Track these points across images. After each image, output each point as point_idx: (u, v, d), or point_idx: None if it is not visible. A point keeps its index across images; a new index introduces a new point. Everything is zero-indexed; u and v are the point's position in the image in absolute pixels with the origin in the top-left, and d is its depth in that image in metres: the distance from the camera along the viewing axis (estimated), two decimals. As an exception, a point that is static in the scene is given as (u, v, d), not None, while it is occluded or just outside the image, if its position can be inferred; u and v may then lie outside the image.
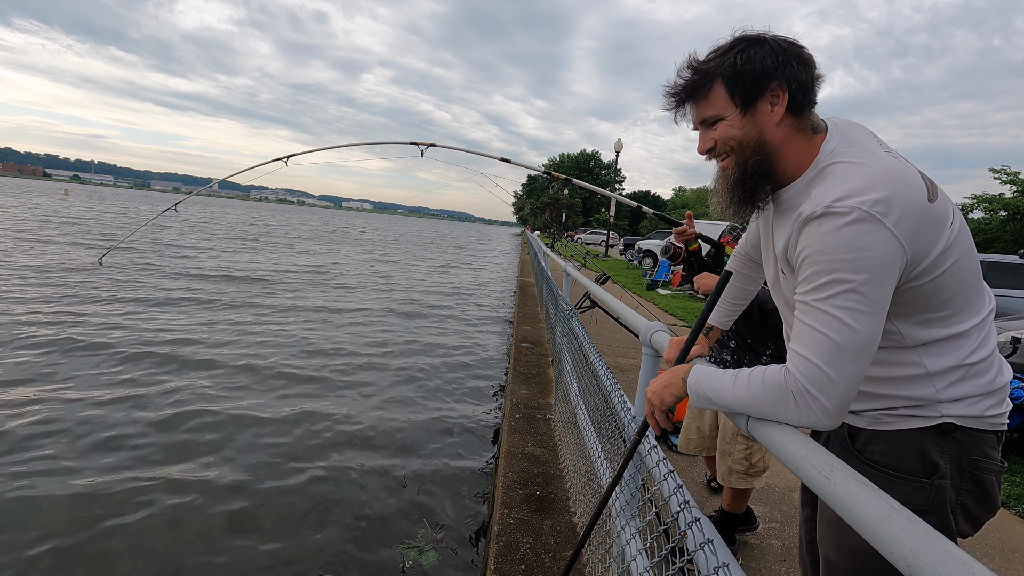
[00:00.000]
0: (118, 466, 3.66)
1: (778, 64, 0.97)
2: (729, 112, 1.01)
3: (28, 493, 3.26)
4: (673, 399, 1.10)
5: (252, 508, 3.37)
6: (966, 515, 1.02)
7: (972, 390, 0.98)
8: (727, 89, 1.00)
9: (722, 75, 1.00)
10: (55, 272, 10.44)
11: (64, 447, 3.83)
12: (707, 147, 1.06)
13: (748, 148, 1.02)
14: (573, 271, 4.71)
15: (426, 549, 3.09)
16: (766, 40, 0.99)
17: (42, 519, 3.05)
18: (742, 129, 1.01)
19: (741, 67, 0.98)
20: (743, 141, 1.02)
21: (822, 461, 0.77)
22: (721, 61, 1.00)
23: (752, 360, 2.29)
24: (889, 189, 0.86)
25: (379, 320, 9.25)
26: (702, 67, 1.02)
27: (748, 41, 1.00)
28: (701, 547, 1.06)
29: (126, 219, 28.17)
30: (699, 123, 1.07)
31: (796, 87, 0.98)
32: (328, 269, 15.97)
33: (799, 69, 0.99)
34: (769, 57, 0.98)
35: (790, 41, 1.00)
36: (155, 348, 6.26)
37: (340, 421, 4.79)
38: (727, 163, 1.05)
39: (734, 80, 0.99)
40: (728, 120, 1.01)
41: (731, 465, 2.30)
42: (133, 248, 15.03)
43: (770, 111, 0.99)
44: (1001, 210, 20.82)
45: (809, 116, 1.01)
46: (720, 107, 1.02)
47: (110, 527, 3.04)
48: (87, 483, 3.42)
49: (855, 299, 0.84)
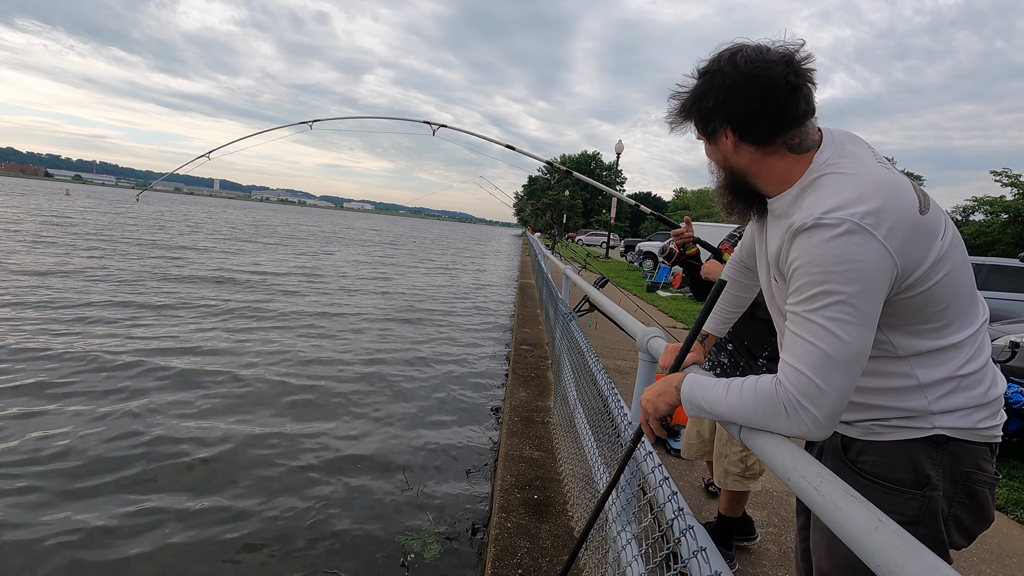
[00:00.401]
0: (119, 463, 3.67)
1: (719, 104, 1.00)
2: (702, 137, 1.09)
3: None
4: (667, 407, 1.11)
5: (254, 504, 3.38)
6: (959, 527, 1.02)
7: (965, 402, 0.98)
8: (694, 120, 1.08)
9: (687, 110, 1.07)
10: (39, 275, 10.45)
11: (51, 467, 3.83)
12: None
13: (724, 170, 1.09)
14: (572, 274, 4.72)
15: (429, 542, 3.10)
16: (721, 71, 0.98)
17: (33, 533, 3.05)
18: (713, 154, 1.10)
19: (690, 105, 1.05)
20: (718, 164, 1.10)
21: (812, 472, 0.77)
22: (686, 93, 1.06)
23: (749, 362, 2.29)
24: (880, 201, 0.86)
25: (379, 321, 9.25)
26: (676, 96, 1.08)
27: (705, 74, 1.02)
28: (694, 555, 1.06)
29: (117, 219, 28.21)
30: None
31: (739, 122, 1.00)
32: (329, 271, 15.97)
33: (750, 99, 0.96)
34: (714, 95, 1.00)
35: (751, 68, 0.95)
36: (149, 357, 6.26)
37: (340, 422, 4.79)
38: (718, 176, 1.13)
39: (694, 115, 1.06)
40: (705, 144, 1.10)
41: (727, 467, 2.30)
42: (129, 250, 15.03)
43: (725, 142, 1.04)
44: (1002, 213, 20.82)
45: (787, 137, 0.98)
46: (696, 131, 1.10)
47: (118, 522, 3.04)
48: (81, 493, 3.43)
49: (845, 311, 0.85)
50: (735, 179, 1.08)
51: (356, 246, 28.54)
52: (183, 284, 10.69)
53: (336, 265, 17.64)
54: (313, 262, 17.74)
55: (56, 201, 42.60)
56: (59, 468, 3.58)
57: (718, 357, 2.40)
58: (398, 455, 4.29)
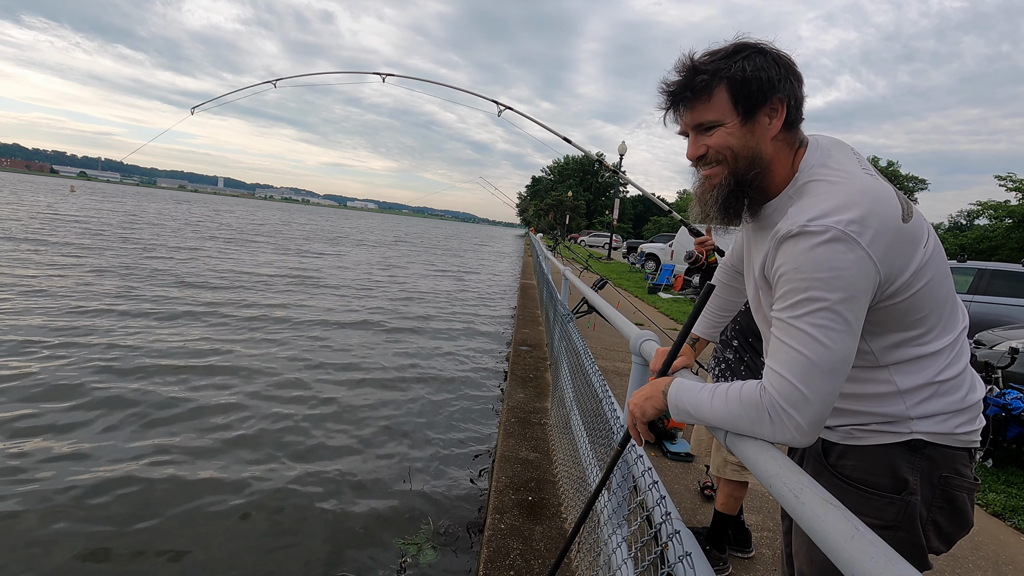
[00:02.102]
0: (120, 458, 3.68)
1: (780, 77, 0.95)
2: (729, 120, 0.97)
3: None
4: (655, 412, 1.10)
5: (252, 507, 3.39)
6: (938, 532, 1.02)
7: (943, 407, 0.98)
8: (730, 95, 0.96)
9: (728, 79, 0.95)
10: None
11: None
12: (699, 153, 1.02)
13: (743, 159, 0.98)
14: (570, 275, 4.71)
15: (425, 547, 3.10)
16: (767, 51, 0.97)
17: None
18: (740, 139, 0.97)
19: (749, 74, 0.94)
20: (739, 152, 0.98)
21: (792, 479, 0.77)
22: (727, 65, 0.95)
23: (753, 359, 2.28)
24: (864, 208, 0.86)
25: (378, 321, 9.27)
26: (707, 67, 0.96)
27: (752, 48, 0.96)
28: (680, 560, 1.06)
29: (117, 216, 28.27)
30: (693, 127, 1.02)
31: (793, 103, 0.98)
32: (332, 271, 16.00)
33: (796, 85, 0.98)
34: (773, 68, 0.95)
35: (786, 56, 0.98)
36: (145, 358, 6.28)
37: (336, 423, 4.80)
38: (716, 172, 1.01)
39: (740, 86, 0.95)
40: (727, 128, 0.97)
41: (726, 456, 2.30)
42: (123, 251, 15.07)
43: (767, 124, 0.97)
44: (1006, 217, 20.74)
45: (797, 133, 1.01)
46: (720, 113, 0.97)
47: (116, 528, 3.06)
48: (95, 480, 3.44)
49: (829, 317, 0.85)
50: (753, 167, 0.98)
51: (374, 247, 28.60)
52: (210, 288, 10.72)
53: (347, 265, 17.68)
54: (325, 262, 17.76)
55: (60, 198, 42.77)
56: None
57: (723, 353, 2.40)
58: (397, 457, 4.29)
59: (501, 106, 3.38)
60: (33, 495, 3.24)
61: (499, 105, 3.37)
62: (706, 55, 0.99)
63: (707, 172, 1.03)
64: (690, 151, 1.04)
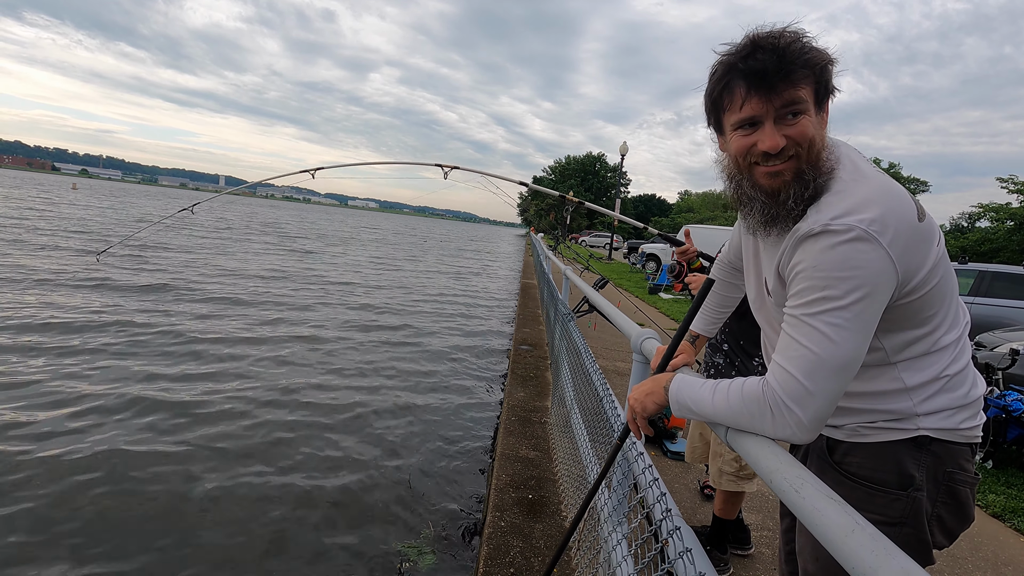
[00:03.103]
0: (120, 457, 3.68)
1: (830, 63, 0.91)
2: (812, 109, 0.90)
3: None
4: (656, 407, 1.11)
5: (250, 511, 3.38)
6: (941, 527, 1.02)
7: (948, 403, 0.99)
8: (815, 83, 0.89)
9: (820, 67, 0.89)
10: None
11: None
12: (782, 144, 0.90)
13: (815, 151, 0.91)
14: (572, 275, 4.72)
15: (425, 551, 3.10)
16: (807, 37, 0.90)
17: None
18: (818, 129, 0.91)
19: (827, 65, 0.89)
20: (815, 143, 0.91)
21: (793, 474, 0.77)
22: (818, 51, 0.88)
23: (745, 362, 2.28)
24: (884, 208, 0.86)
25: (376, 320, 9.27)
26: (807, 51, 0.88)
27: (800, 36, 0.89)
28: (680, 556, 1.06)
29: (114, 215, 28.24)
30: (779, 109, 0.90)
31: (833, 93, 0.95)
32: (330, 271, 16.01)
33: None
34: (827, 57, 0.90)
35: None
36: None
37: (335, 425, 4.80)
38: (787, 167, 0.91)
39: (822, 75, 0.89)
40: (811, 116, 0.90)
41: (721, 467, 2.30)
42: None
43: (824, 116, 0.94)
44: (1008, 220, 20.72)
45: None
46: (808, 100, 0.89)
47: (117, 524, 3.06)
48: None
49: (844, 316, 0.85)
50: (820, 160, 0.92)
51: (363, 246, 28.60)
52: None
53: (348, 263, 17.69)
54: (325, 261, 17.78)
55: (65, 195, 42.79)
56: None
57: (713, 358, 2.40)
58: (396, 457, 4.29)
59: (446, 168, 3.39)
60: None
61: (443, 168, 3.38)
62: (788, 36, 0.89)
63: (777, 168, 0.92)
64: (771, 141, 0.90)
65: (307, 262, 16.53)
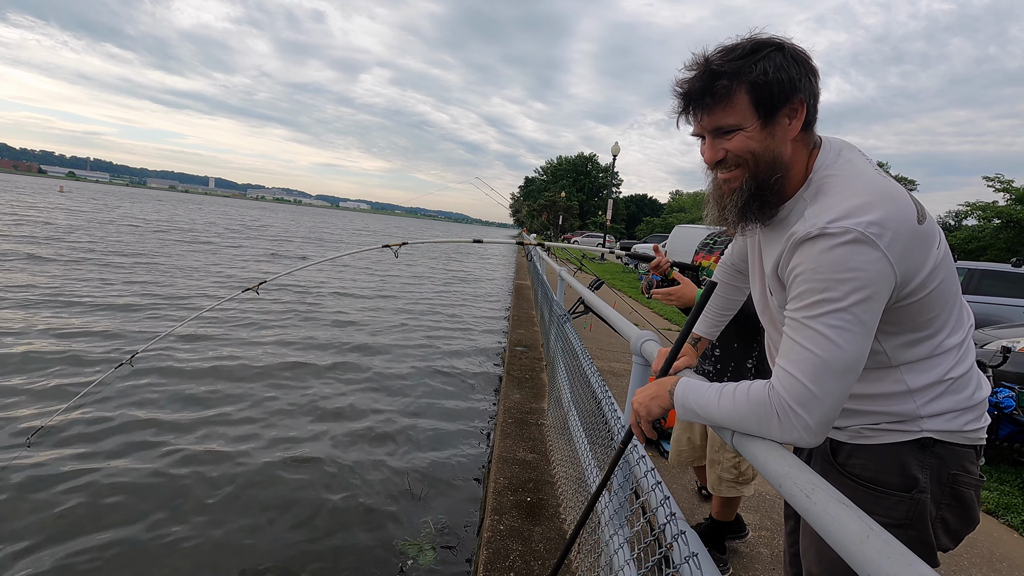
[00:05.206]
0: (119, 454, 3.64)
1: (800, 75, 0.92)
2: (749, 123, 0.94)
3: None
4: (660, 411, 1.10)
5: (249, 510, 3.36)
6: (946, 529, 1.02)
7: (952, 405, 0.99)
8: (751, 98, 0.92)
9: (750, 83, 0.91)
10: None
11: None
12: (718, 158, 0.98)
13: (764, 163, 0.95)
14: (567, 276, 4.71)
15: (426, 548, 3.10)
16: (785, 47, 0.93)
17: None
18: (761, 142, 0.94)
19: (771, 76, 0.91)
20: (760, 155, 0.95)
21: (803, 479, 0.77)
22: (748, 66, 0.91)
23: (736, 368, 2.27)
24: (884, 210, 0.86)
25: (373, 321, 9.23)
26: (726, 70, 0.92)
27: (771, 46, 0.92)
28: (686, 560, 1.06)
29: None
30: (711, 131, 0.98)
31: (812, 102, 0.95)
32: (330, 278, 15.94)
33: (814, 82, 0.94)
34: (792, 67, 0.92)
35: (803, 52, 0.94)
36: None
37: (334, 426, 4.77)
38: (735, 175, 0.98)
39: (761, 89, 0.91)
40: (747, 132, 0.94)
41: (720, 474, 2.30)
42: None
43: (787, 125, 0.94)
44: (995, 218, 20.96)
45: (813, 132, 0.99)
46: (741, 116, 0.94)
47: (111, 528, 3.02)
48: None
49: (844, 318, 0.85)
50: (774, 171, 0.96)
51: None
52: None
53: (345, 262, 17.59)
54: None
55: (50, 198, 42.28)
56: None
57: (702, 365, 2.38)
58: (395, 459, 4.27)
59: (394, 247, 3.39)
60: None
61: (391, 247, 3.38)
62: (722, 53, 0.94)
63: (726, 176, 1.00)
64: (708, 155, 0.99)
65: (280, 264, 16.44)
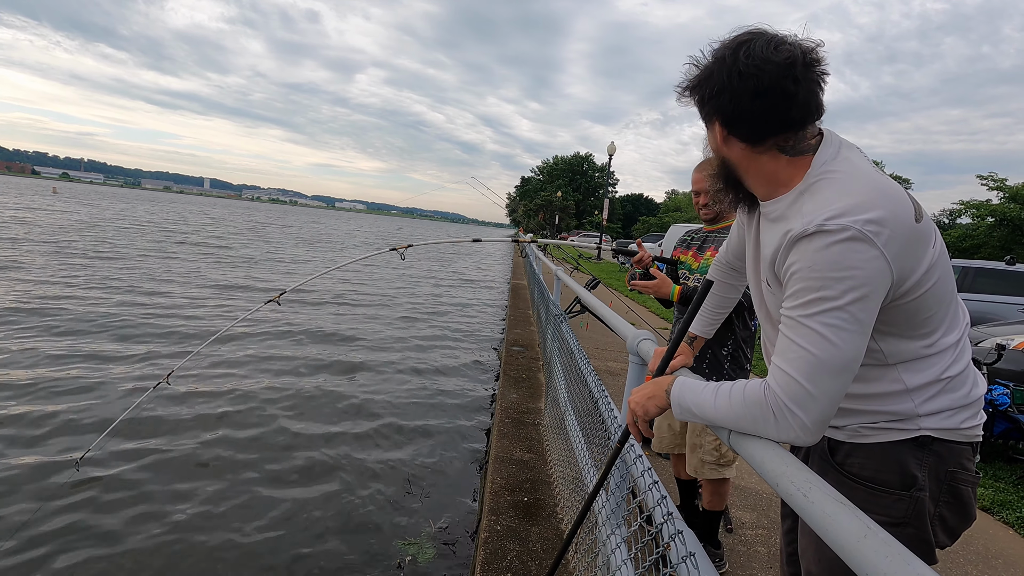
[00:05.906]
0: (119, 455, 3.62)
1: (712, 95, 0.97)
2: (716, 135, 1.04)
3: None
4: (657, 410, 1.10)
5: (251, 509, 3.36)
6: (944, 526, 1.02)
7: (949, 403, 0.99)
8: (709, 111, 1.02)
9: (697, 98, 1.02)
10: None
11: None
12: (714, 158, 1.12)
13: (715, 155, 1.08)
14: (563, 275, 4.71)
15: (426, 547, 3.11)
16: (723, 60, 0.94)
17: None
18: (709, 139, 1.07)
19: (692, 87, 1.01)
20: (712, 148, 1.08)
21: (800, 478, 0.77)
22: (693, 76, 1.01)
23: (713, 357, 2.28)
24: (881, 208, 0.86)
25: (370, 322, 9.21)
26: (690, 87, 1.03)
27: (713, 60, 0.97)
28: (683, 560, 1.05)
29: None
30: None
31: (727, 118, 0.97)
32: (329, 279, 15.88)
33: (740, 98, 0.93)
34: (710, 86, 0.97)
35: (755, 62, 0.90)
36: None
37: (334, 427, 4.76)
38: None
39: (708, 105, 1.00)
40: (718, 143, 1.05)
41: (702, 457, 2.31)
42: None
43: (715, 132, 1.02)
44: (988, 216, 21.07)
45: (778, 140, 0.96)
46: (711, 129, 1.05)
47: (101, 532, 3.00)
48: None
49: (841, 317, 0.84)
50: (725, 169, 1.07)
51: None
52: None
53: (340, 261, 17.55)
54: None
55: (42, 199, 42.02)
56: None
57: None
58: (393, 459, 4.26)
59: (400, 249, 3.43)
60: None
61: (398, 250, 3.42)
62: (695, 83, 1.01)
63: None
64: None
65: (294, 268, 16.40)
